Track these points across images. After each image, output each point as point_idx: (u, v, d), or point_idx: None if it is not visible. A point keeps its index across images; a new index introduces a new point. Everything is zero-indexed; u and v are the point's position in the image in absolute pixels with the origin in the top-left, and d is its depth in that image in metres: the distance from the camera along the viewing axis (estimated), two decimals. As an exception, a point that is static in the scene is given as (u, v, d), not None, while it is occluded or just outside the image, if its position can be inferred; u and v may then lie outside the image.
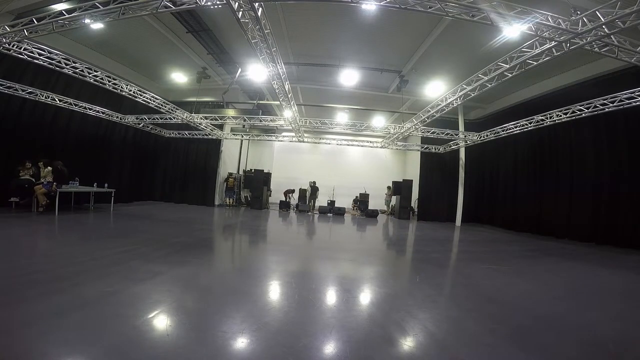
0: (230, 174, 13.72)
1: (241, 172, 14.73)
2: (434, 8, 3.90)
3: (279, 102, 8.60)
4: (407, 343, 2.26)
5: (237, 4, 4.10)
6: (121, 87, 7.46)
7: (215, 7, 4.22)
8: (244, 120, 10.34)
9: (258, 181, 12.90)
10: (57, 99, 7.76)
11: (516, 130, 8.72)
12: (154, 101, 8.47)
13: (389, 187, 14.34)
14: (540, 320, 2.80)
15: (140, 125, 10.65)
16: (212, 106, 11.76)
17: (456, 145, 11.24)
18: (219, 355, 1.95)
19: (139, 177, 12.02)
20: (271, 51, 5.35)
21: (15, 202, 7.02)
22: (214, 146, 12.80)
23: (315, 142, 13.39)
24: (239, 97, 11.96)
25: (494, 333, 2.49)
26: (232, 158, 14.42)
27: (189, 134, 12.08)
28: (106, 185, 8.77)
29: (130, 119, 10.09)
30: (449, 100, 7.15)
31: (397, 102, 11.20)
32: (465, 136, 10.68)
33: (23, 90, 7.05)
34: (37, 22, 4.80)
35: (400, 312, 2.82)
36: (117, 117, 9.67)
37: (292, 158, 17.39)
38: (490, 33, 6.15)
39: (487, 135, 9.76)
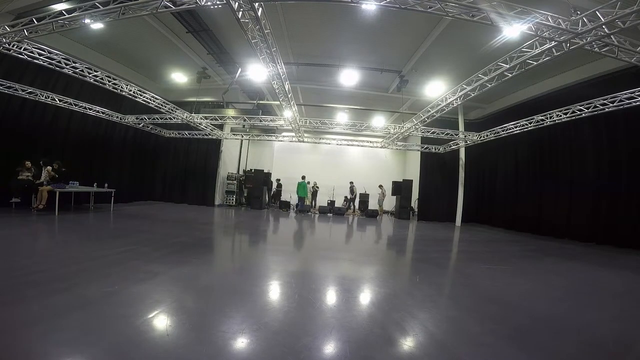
0: (231, 174, 13.73)
1: (241, 172, 14.73)
2: (434, 8, 3.90)
3: (279, 102, 8.60)
4: (407, 343, 2.26)
5: (237, 4, 4.10)
6: (121, 87, 7.46)
7: (215, 7, 4.22)
8: (244, 120, 10.34)
9: (258, 181, 12.90)
10: (57, 99, 7.76)
11: (516, 130, 8.72)
12: (154, 101, 8.47)
13: (380, 186, 14.30)
14: (540, 320, 2.80)
15: (140, 125, 10.64)
16: (212, 106, 11.76)
17: (456, 145, 11.24)
18: (219, 355, 1.95)
19: (139, 177, 12.03)
20: (271, 51, 5.35)
21: (15, 202, 7.02)
22: (214, 146, 12.81)
23: (315, 142, 13.39)
24: (239, 97, 11.96)
25: (494, 333, 2.49)
26: (232, 158, 14.43)
27: (189, 134, 12.08)
28: (106, 185, 8.78)
29: (130, 119, 10.09)
30: (449, 100, 7.15)
31: (397, 102, 11.20)
32: (465, 136, 10.68)
33: (23, 90, 7.05)
34: (37, 22, 4.80)
35: (400, 312, 2.82)
36: (117, 117, 9.67)
37: (292, 158, 17.39)
38: (490, 33, 6.16)
39: (487, 135, 9.76)
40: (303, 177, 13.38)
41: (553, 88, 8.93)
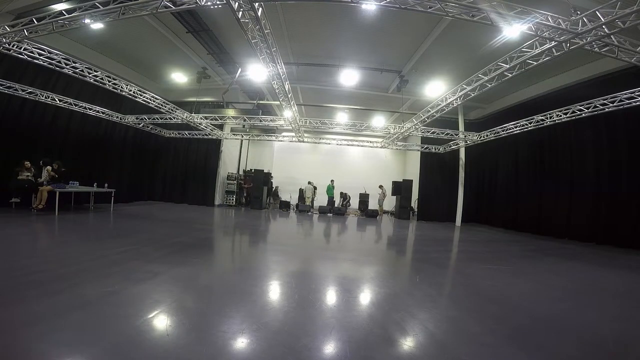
0: (231, 174, 13.73)
1: (241, 172, 14.74)
2: (434, 8, 3.90)
3: (279, 102, 8.60)
4: (407, 343, 2.26)
5: (237, 4, 4.10)
6: (121, 87, 7.46)
7: (215, 7, 4.22)
8: (244, 120, 10.34)
9: (258, 181, 12.90)
10: (57, 99, 7.75)
11: (516, 130, 8.72)
12: (154, 101, 8.47)
13: (380, 186, 14.34)
14: (540, 320, 2.80)
15: (140, 125, 10.64)
16: (212, 106, 11.75)
17: (456, 145, 11.24)
18: (219, 355, 1.95)
19: (139, 177, 12.02)
20: (271, 51, 5.35)
21: (15, 202, 7.03)
22: (214, 146, 12.81)
23: (315, 142, 13.40)
24: (239, 97, 11.96)
25: (494, 333, 2.49)
26: (232, 158, 14.43)
27: (189, 134, 12.08)
28: (106, 185, 8.78)
29: (130, 119, 10.09)
30: (449, 100, 7.15)
31: (397, 102, 11.20)
32: (465, 136, 10.67)
33: (23, 90, 7.04)
34: (37, 22, 4.80)
35: (400, 312, 2.82)
36: (117, 117, 9.67)
37: (292, 158, 17.39)
38: (490, 33, 6.15)
39: (487, 135, 9.75)
40: (332, 181, 14.50)
41: (553, 88, 8.92)
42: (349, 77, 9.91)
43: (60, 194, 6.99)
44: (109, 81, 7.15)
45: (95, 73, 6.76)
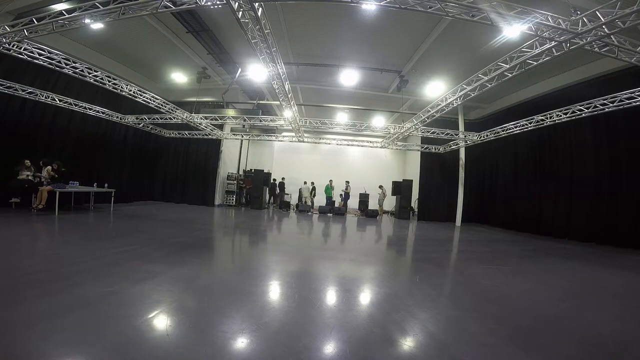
0: (231, 174, 13.73)
1: (241, 172, 14.74)
2: (434, 8, 3.91)
3: (279, 102, 8.61)
4: (407, 343, 2.26)
5: (237, 4, 4.11)
6: (121, 87, 7.46)
7: (215, 7, 4.22)
8: (244, 120, 10.35)
9: (258, 181, 12.90)
10: (57, 99, 7.76)
11: (516, 130, 8.72)
12: (154, 101, 8.47)
13: (380, 186, 14.35)
14: (540, 320, 2.80)
15: (140, 125, 10.65)
16: (212, 106, 11.76)
17: (456, 145, 11.25)
18: (219, 355, 1.94)
19: (139, 177, 12.03)
20: (271, 51, 5.36)
21: (15, 202, 7.03)
22: (214, 146, 12.81)
23: (315, 142, 13.40)
24: (239, 97, 11.96)
25: (494, 333, 2.49)
26: (232, 158, 14.43)
27: (189, 134, 12.08)
28: (106, 185, 8.78)
29: (130, 119, 10.09)
30: (449, 100, 7.16)
31: (397, 102, 11.20)
32: (465, 136, 10.68)
33: (23, 90, 7.05)
34: (37, 22, 4.80)
35: (400, 312, 2.82)
36: (117, 117, 9.67)
37: (292, 158, 17.39)
38: (490, 33, 6.15)
39: (487, 135, 9.76)
40: (330, 181, 14.63)
41: (553, 88, 8.93)
42: (349, 77, 9.91)
43: (60, 194, 6.98)
44: (109, 81, 7.15)
45: (95, 73, 6.77)
